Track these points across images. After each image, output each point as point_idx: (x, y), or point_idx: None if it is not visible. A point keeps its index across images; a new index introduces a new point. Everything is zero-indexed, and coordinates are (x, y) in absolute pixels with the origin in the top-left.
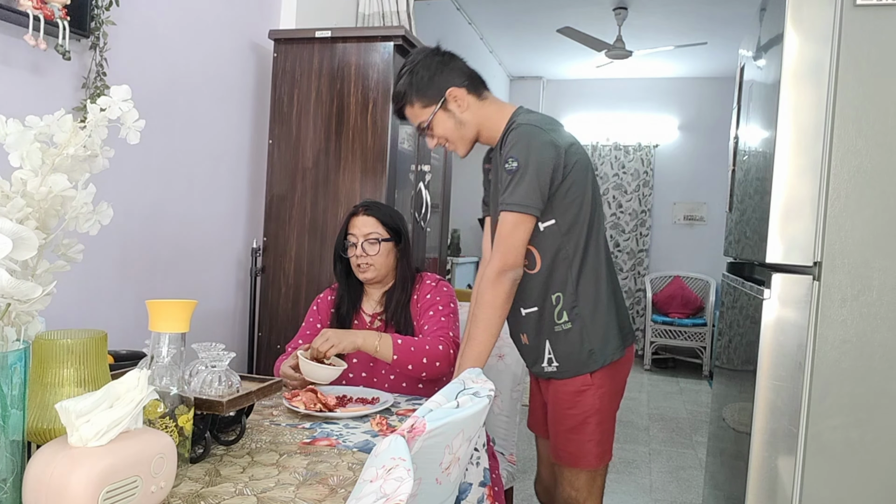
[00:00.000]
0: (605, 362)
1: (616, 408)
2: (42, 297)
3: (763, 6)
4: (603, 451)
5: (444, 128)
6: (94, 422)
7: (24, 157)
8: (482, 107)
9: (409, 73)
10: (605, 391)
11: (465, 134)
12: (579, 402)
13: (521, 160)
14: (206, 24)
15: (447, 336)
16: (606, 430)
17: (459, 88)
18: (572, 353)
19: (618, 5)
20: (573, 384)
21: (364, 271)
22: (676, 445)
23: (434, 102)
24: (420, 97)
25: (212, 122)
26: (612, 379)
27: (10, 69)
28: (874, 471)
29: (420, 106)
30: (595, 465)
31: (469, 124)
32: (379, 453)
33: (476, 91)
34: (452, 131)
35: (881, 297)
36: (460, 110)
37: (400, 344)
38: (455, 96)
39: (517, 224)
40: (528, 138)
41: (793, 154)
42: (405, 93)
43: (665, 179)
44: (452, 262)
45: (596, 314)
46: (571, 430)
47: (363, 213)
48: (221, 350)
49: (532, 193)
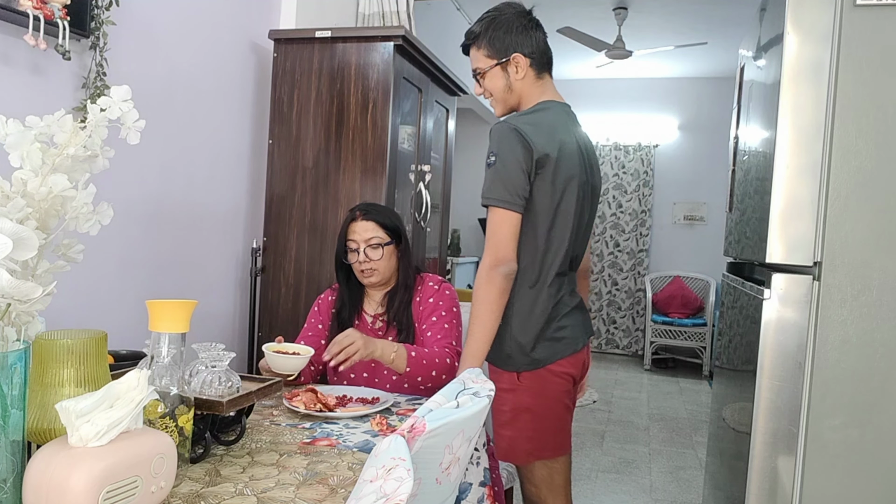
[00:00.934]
0: (517, 369)
1: (558, 408)
2: (42, 297)
3: (763, 6)
4: (536, 448)
5: (494, 84)
6: (94, 422)
7: (25, 157)
8: (535, 84)
9: (491, 20)
10: (536, 391)
11: (509, 99)
12: (509, 399)
13: (497, 155)
14: (206, 24)
15: (451, 346)
16: (545, 427)
17: (525, 58)
18: (495, 347)
19: (618, 5)
20: (503, 381)
21: (368, 276)
22: (676, 445)
23: (497, 58)
24: (488, 46)
25: (212, 122)
26: (543, 383)
27: (10, 69)
28: (874, 471)
29: (484, 54)
30: (524, 459)
31: (516, 93)
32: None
33: (538, 68)
34: (500, 91)
35: (881, 297)
36: (516, 77)
37: (414, 356)
38: (517, 62)
39: (502, 220)
40: (501, 137)
41: (793, 154)
42: (478, 35)
43: (665, 179)
44: (452, 262)
45: (524, 324)
46: (502, 426)
47: (362, 218)
48: (221, 350)
49: (511, 189)
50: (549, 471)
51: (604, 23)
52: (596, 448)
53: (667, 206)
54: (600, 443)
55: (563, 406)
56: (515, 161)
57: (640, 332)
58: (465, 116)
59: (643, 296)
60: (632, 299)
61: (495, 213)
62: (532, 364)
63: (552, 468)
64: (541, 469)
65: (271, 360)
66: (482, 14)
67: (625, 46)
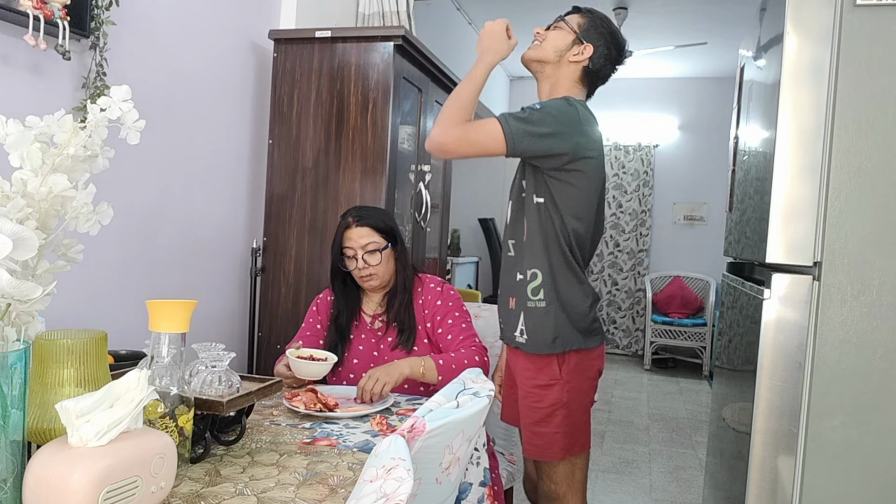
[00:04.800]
0: (566, 349)
1: (588, 402)
2: (42, 297)
3: (763, 6)
4: (570, 443)
5: (556, 38)
6: (94, 422)
7: (25, 157)
8: (575, 85)
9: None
10: (573, 386)
11: (550, 69)
12: (546, 395)
13: (543, 109)
14: (206, 24)
15: (476, 344)
16: (575, 423)
17: (591, 55)
18: (538, 332)
19: (618, 5)
20: (542, 377)
21: (368, 281)
22: (676, 445)
23: (580, 32)
24: (585, 24)
25: (212, 122)
26: (580, 375)
27: (10, 69)
28: (874, 471)
29: (577, 22)
30: (560, 456)
31: (561, 69)
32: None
33: (588, 78)
34: (552, 47)
35: (881, 296)
36: (572, 57)
37: (442, 364)
38: (584, 51)
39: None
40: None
41: (793, 154)
42: (592, 12)
43: (665, 179)
44: (452, 262)
45: (570, 305)
46: (538, 423)
47: (356, 225)
48: (221, 350)
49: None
50: (572, 467)
51: None
52: (596, 448)
53: (667, 206)
54: (600, 443)
55: (590, 401)
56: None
57: (640, 332)
58: None
59: (643, 296)
60: (632, 299)
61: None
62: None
63: (574, 464)
64: (564, 465)
65: (297, 366)
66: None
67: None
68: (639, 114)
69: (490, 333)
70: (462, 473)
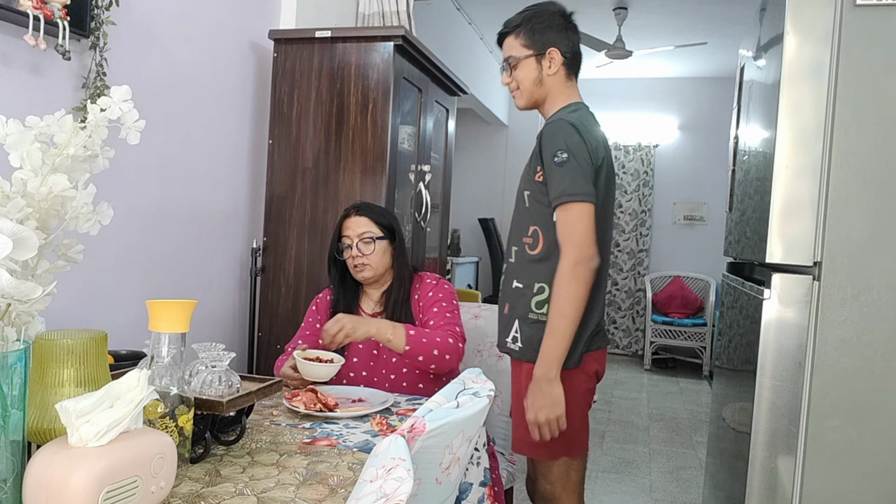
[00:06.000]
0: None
1: (584, 404)
2: (42, 297)
3: (763, 6)
4: (562, 445)
5: (525, 74)
6: (94, 422)
7: (25, 157)
8: (564, 84)
9: (532, 12)
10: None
11: (536, 92)
12: None
13: (570, 150)
14: (206, 24)
15: (455, 330)
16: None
17: (560, 55)
18: (533, 343)
19: (618, 5)
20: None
21: (361, 271)
22: (676, 445)
23: (534, 49)
24: (528, 36)
25: (212, 122)
26: (571, 379)
27: (10, 69)
28: (874, 471)
29: (521, 44)
30: (550, 456)
31: (545, 88)
32: (379, 453)
33: (569, 69)
34: (529, 82)
35: (881, 297)
36: (548, 71)
37: (412, 335)
38: (552, 57)
39: (583, 214)
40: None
41: (793, 154)
42: (519, 24)
43: (665, 179)
44: (452, 262)
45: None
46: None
47: (355, 214)
48: (221, 350)
49: (583, 181)
50: (567, 468)
51: (604, 23)
52: (596, 448)
53: (667, 206)
54: (600, 443)
55: (587, 403)
56: (585, 155)
57: (640, 332)
58: (465, 116)
59: (643, 296)
60: (632, 299)
61: (575, 207)
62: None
63: (570, 465)
64: (560, 466)
65: (305, 368)
66: (524, 7)
67: (625, 46)
68: (639, 114)
69: (490, 333)
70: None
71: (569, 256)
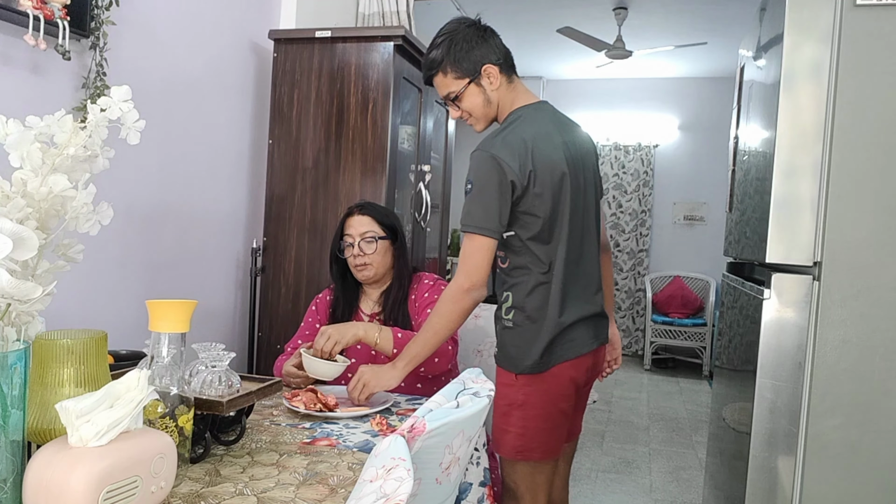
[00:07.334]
0: (519, 372)
1: (555, 411)
2: (42, 297)
3: (763, 6)
4: (522, 445)
5: (472, 102)
6: (94, 422)
7: (25, 157)
8: (509, 89)
9: (447, 41)
10: (531, 390)
11: (489, 112)
12: (505, 393)
13: (474, 183)
14: (206, 24)
15: None
16: (533, 427)
17: (494, 66)
18: (503, 347)
19: (618, 5)
20: (502, 376)
21: (362, 270)
22: (676, 445)
23: (468, 75)
24: (455, 68)
25: (212, 122)
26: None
27: (10, 69)
28: (874, 471)
29: (453, 77)
30: (510, 455)
31: (495, 103)
32: (379, 453)
33: (507, 72)
34: (479, 107)
35: (881, 297)
36: (491, 87)
37: (400, 338)
38: (489, 73)
39: (479, 246)
40: (479, 165)
41: (793, 154)
42: (441, 61)
43: (665, 179)
44: (452, 262)
45: (532, 328)
46: (497, 416)
47: (358, 213)
48: (221, 350)
49: (487, 215)
50: (532, 469)
51: (604, 23)
52: (596, 448)
53: (667, 206)
54: (600, 443)
55: (559, 410)
56: (492, 188)
57: (640, 332)
58: None
59: (643, 296)
60: (632, 299)
61: (473, 239)
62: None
63: (535, 467)
64: (523, 466)
65: (311, 365)
66: (432, 41)
67: (625, 46)
68: (639, 114)
69: (491, 333)
70: (462, 473)
71: (458, 281)
